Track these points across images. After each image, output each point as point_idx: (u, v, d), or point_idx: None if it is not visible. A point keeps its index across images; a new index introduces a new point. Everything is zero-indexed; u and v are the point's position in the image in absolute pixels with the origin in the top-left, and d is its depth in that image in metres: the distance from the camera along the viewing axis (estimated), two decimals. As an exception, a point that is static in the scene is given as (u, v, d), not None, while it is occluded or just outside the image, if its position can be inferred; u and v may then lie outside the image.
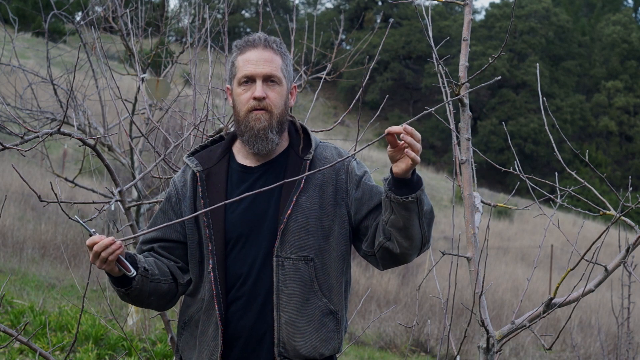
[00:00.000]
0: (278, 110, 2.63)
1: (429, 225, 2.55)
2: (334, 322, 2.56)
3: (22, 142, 2.69)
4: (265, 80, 2.62)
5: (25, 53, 21.49)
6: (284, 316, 2.53)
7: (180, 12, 8.94)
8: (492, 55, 2.97)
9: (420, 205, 2.46)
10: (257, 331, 2.56)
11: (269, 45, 2.65)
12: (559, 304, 3.03)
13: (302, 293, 2.54)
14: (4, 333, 3.02)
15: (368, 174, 2.76)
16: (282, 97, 2.64)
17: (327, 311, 2.55)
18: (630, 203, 3.17)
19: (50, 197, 3.49)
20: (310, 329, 2.53)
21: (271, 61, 2.63)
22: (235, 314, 2.57)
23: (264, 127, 2.61)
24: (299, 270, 2.54)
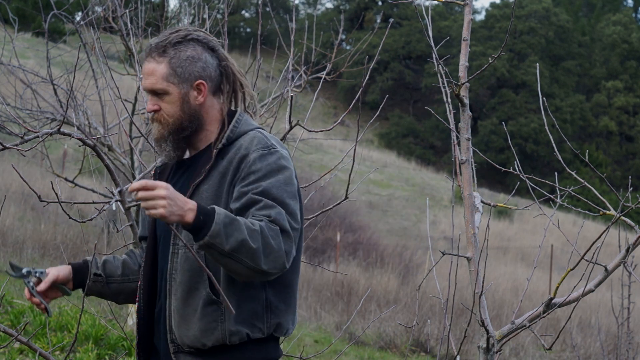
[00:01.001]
0: (172, 119, 2.60)
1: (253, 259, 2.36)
2: (217, 312, 2.51)
3: (22, 142, 2.69)
4: (154, 93, 2.61)
5: (25, 53, 21.50)
6: (173, 304, 2.57)
7: (180, 12, 8.93)
8: (492, 55, 2.97)
9: (217, 247, 2.33)
10: (160, 319, 2.65)
11: (150, 55, 2.61)
12: (559, 304, 3.03)
13: (190, 282, 2.54)
14: (4, 333, 3.02)
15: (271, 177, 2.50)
16: (174, 105, 2.60)
17: (210, 301, 2.51)
18: (630, 203, 3.17)
19: (50, 197, 3.49)
20: (195, 318, 2.53)
21: (151, 73, 2.59)
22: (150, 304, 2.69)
23: (157, 139, 2.63)
24: (189, 258, 2.55)
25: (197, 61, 2.62)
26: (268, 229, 2.39)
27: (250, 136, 2.61)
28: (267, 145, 2.56)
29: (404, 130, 52.93)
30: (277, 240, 2.39)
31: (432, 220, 26.10)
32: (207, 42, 2.65)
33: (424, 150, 51.64)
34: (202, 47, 2.64)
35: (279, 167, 2.52)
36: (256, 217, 2.42)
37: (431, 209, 28.10)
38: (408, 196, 30.54)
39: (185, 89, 2.61)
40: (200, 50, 2.63)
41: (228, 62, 2.69)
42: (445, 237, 23.07)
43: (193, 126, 2.63)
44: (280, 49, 5.06)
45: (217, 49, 2.68)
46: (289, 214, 2.46)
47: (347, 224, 19.10)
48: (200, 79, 2.62)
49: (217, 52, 2.67)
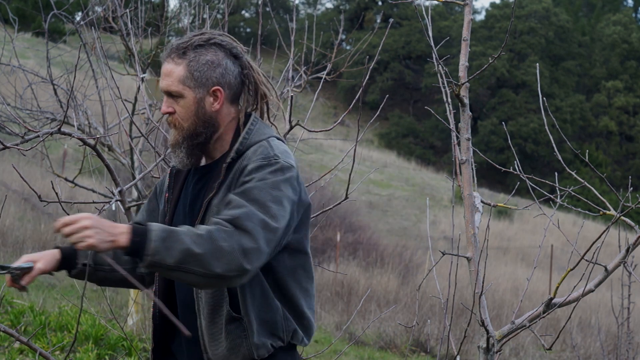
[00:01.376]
0: (186, 124, 2.55)
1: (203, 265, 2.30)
2: (239, 328, 2.49)
3: (22, 142, 2.69)
4: (169, 95, 2.56)
5: (25, 53, 21.50)
6: (203, 323, 2.55)
7: (180, 12, 8.93)
8: (492, 55, 2.98)
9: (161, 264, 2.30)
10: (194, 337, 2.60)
11: (170, 56, 2.56)
12: (559, 304, 3.03)
13: (213, 300, 2.52)
14: (4, 333, 3.02)
15: (257, 181, 2.43)
16: (188, 110, 2.55)
17: (231, 318, 2.50)
18: (630, 203, 3.17)
19: (50, 197, 3.49)
20: (222, 336, 2.52)
21: (169, 75, 2.54)
22: (176, 311, 2.64)
23: (172, 144, 2.58)
24: None
25: (217, 67, 2.55)
26: (219, 231, 2.31)
27: (257, 146, 2.54)
28: (269, 156, 2.49)
29: (404, 130, 52.94)
30: (230, 242, 2.30)
31: (432, 220, 26.10)
32: (230, 48, 2.59)
33: (424, 150, 51.65)
34: (224, 53, 2.57)
35: (272, 176, 2.44)
36: (220, 216, 2.36)
37: (431, 209, 28.10)
38: (408, 196, 30.54)
39: (201, 94, 2.55)
40: (222, 56, 2.57)
41: (251, 71, 2.62)
42: (445, 237, 23.07)
43: (207, 133, 2.57)
44: (280, 49, 5.06)
45: (241, 56, 2.60)
46: (266, 215, 2.37)
47: (347, 224, 19.10)
48: (218, 85, 2.56)
49: (240, 60, 2.60)
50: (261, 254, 2.35)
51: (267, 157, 2.48)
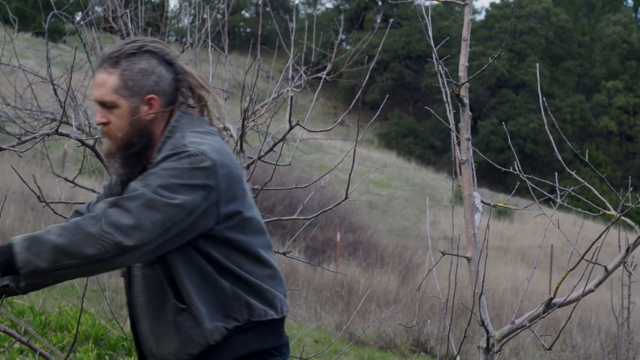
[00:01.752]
0: (121, 134, 2.52)
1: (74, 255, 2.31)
2: (189, 318, 2.47)
3: (19, 143, 2.69)
4: (103, 105, 2.53)
5: (25, 53, 21.50)
6: (146, 327, 2.55)
7: (180, 12, 8.93)
8: (492, 55, 2.97)
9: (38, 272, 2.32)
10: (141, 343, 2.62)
11: (102, 66, 2.53)
12: (559, 304, 3.03)
13: (155, 299, 2.51)
14: (4, 333, 3.02)
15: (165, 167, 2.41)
16: (122, 119, 2.51)
17: (178, 310, 2.48)
18: (630, 203, 3.17)
19: (50, 197, 3.49)
20: (171, 333, 2.50)
21: (102, 85, 2.51)
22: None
23: (106, 155, 2.57)
24: (146, 277, 2.53)
25: (151, 75, 2.52)
26: (85, 219, 2.34)
27: (171, 141, 2.52)
28: (177, 146, 2.46)
29: (404, 130, 52.94)
30: (99, 224, 2.32)
31: (432, 220, 26.09)
32: (163, 54, 2.56)
33: (424, 150, 51.65)
34: (157, 60, 2.54)
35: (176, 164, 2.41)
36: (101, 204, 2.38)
37: (431, 209, 28.09)
38: (408, 196, 30.53)
39: (135, 102, 2.52)
40: (155, 63, 2.54)
41: (185, 76, 2.59)
42: (445, 237, 23.08)
43: (142, 142, 2.54)
44: (280, 49, 5.06)
45: (174, 62, 2.58)
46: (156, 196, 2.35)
47: (347, 224, 19.10)
48: (152, 93, 2.53)
49: (173, 66, 2.58)
50: (143, 232, 2.34)
51: (175, 147, 2.45)
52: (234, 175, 2.49)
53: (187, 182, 2.39)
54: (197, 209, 2.41)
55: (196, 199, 2.40)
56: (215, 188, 2.43)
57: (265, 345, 2.55)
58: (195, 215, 2.41)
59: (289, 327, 10.51)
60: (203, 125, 2.57)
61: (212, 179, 2.42)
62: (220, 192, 2.44)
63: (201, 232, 2.44)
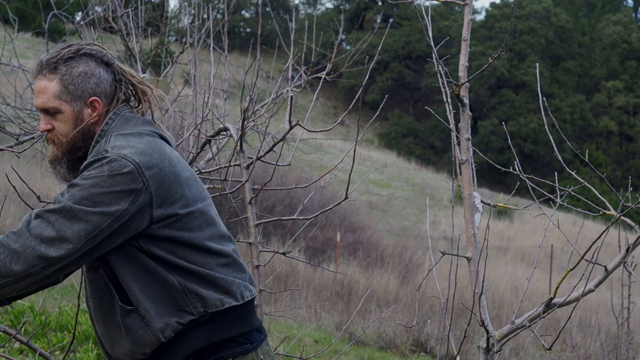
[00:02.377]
0: (66, 139, 2.53)
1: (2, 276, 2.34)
2: (137, 319, 2.47)
3: (17, 144, 2.69)
4: (45, 112, 2.53)
5: (25, 53, 21.50)
6: (99, 330, 2.57)
7: (180, 12, 8.93)
8: (492, 55, 2.97)
9: None
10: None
11: (40, 73, 2.52)
12: (559, 304, 3.03)
13: (103, 302, 2.52)
14: (4, 333, 3.02)
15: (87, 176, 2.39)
16: (67, 124, 2.52)
17: (125, 312, 2.48)
18: (630, 203, 3.17)
19: (50, 198, 3.49)
20: (122, 334, 2.50)
21: (43, 91, 2.50)
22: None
23: (51, 161, 2.58)
24: (92, 281, 2.53)
25: (91, 77, 2.52)
26: (7, 236, 2.35)
27: (96, 145, 2.52)
28: (98, 152, 2.45)
29: (404, 130, 52.94)
30: (22, 239, 2.34)
31: (432, 220, 26.09)
32: (101, 56, 2.56)
33: (424, 150, 51.66)
34: (95, 62, 2.54)
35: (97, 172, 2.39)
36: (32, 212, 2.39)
37: (431, 209, 28.09)
38: (408, 196, 30.54)
39: (78, 106, 2.52)
40: (94, 66, 2.54)
41: (124, 75, 2.60)
42: (445, 237, 23.08)
43: (86, 146, 2.54)
44: (280, 49, 5.06)
45: (112, 62, 2.58)
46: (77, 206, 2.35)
47: (347, 224, 19.10)
48: (94, 96, 2.53)
49: (112, 66, 2.58)
50: (67, 243, 2.34)
51: (96, 154, 2.44)
52: (165, 173, 2.45)
53: (109, 189, 2.37)
54: (125, 214, 2.39)
55: (122, 205, 2.38)
56: (144, 190, 2.40)
57: (228, 335, 2.52)
58: (124, 219, 2.39)
59: (289, 327, 10.51)
60: (135, 127, 2.55)
61: (138, 182, 2.39)
62: (151, 193, 2.42)
63: (134, 233, 2.43)
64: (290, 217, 4.00)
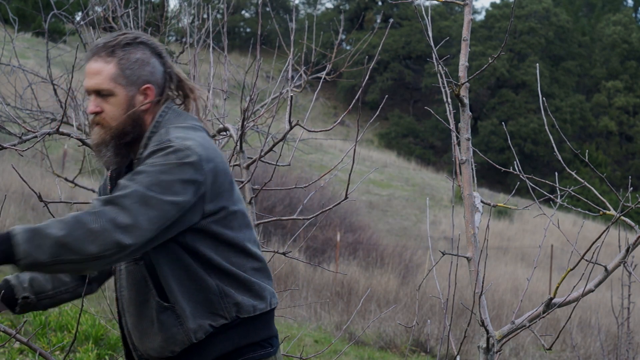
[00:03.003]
0: (115, 123, 2.52)
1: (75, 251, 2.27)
2: (172, 316, 2.47)
3: (20, 142, 2.69)
4: (97, 93, 2.52)
5: (25, 53, 21.51)
6: (129, 322, 2.55)
7: (180, 12, 8.93)
8: (492, 55, 2.97)
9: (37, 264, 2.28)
10: (124, 338, 2.63)
11: (98, 54, 2.52)
12: (559, 304, 3.03)
13: (139, 295, 2.51)
14: (4, 333, 3.02)
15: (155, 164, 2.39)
16: (118, 108, 2.51)
17: (162, 308, 2.48)
18: (630, 203, 3.17)
19: (51, 197, 3.49)
20: (153, 330, 2.50)
21: (98, 73, 2.51)
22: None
23: (97, 143, 2.54)
24: (130, 273, 2.52)
25: (146, 65, 2.55)
26: (86, 214, 2.30)
27: (156, 135, 2.52)
28: (162, 141, 2.46)
29: (404, 130, 52.95)
30: (100, 221, 2.29)
31: (432, 220, 26.09)
32: (155, 47, 2.58)
33: (424, 150, 51.66)
34: (150, 52, 2.56)
35: (164, 159, 2.40)
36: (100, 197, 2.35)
37: (431, 209, 28.09)
38: (408, 196, 30.53)
39: (132, 92, 2.53)
40: (149, 55, 2.56)
41: (173, 69, 2.62)
42: (445, 237, 23.08)
43: (135, 132, 2.54)
44: (280, 49, 5.06)
45: (164, 55, 2.61)
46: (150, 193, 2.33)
47: (347, 224, 19.10)
48: (149, 84, 2.55)
49: (163, 59, 2.60)
50: (141, 230, 2.32)
51: (160, 142, 2.45)
52: (219, 169, 2.47)
53: (177, 177, 2.38)
54: (187, 205, 2.40)
55: (187, 197, 2.39)
56: (203, 183, 2.42)
57: (254, 339, 2.54)
58: (184, 210, 2.40)
59: (289, 327, 10.51)
60: (187, 121, 2.57)
61: (200, 174, 2.41)
62: (207, 187, 2.43)
63: (186, 227, 2.43)
64: (290, 217, 4.01)
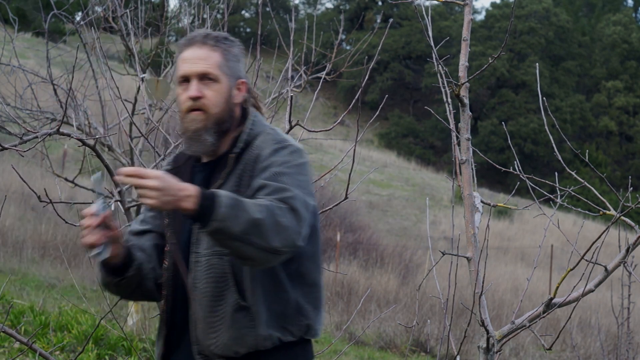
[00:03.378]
0: (216, 109, 2.53)
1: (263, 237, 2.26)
2: (247, 318, 2.44)
3: (21, 143, 2.69)
4: (201, 79, 2.54)
5: (25, 53, 21.50)
6: (198, 312, 2.50)
7: (180, 12, 8.93)
8: (492, 55, 2.97)
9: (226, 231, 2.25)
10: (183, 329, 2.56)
11: (205, 42, 2.56)
12: (559, 304, 3.03)
13: (215, 289, 2.47)
14: (4, 333, 3.02)
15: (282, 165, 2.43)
16: (220, 95, 2.55)
17: (238, 307, 2.44)
18: (630, 203, 3.17)
19: (51, 197, 3.49)
20: (223, 326, 2.46)
21: (206, 59, 2.54)
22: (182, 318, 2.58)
23: (198, 128, 2.53)
24: (212, 266, 2.48)
25: (241, 61, 2.63)
26: (276, 207, 2.30)
27: (263, 135, 2.55)
28: (279, 140, 2.51)
29: (404, 130, 52.94)
30: (287, 218, 2.30)
31: (432, 220, 26.09)
32: (241, 48, 2.67)
33: (424, 150, 51.65)
34: (240, 51, 2.65)
35: (292, 158, 2.46)
36: (268, 197, 2.33)
37: (431, 209, 28.09)
38: (408, 196, 30.53)
39: (232, 83, 2.59)
40: (240, 53, 2.64)
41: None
42: (445, 237, 23.07)
43: (229, 123, 2.58)
44: (280, 49, 5.06)
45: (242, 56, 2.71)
46: (306, 197, 2.39)
47: (347, 224, 19.09)
48: (243, 79, 2.62)
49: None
50: (304, 235, 2.37)
51: (279, 141, 2.50)
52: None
53: (309, 178, 2.47)
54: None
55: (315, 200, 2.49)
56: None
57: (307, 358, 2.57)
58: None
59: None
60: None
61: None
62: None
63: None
64: (290, 217, 4.00)
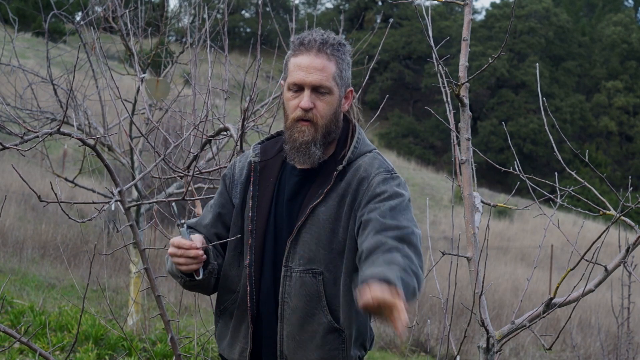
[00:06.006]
0: (324, 121, 2.47)
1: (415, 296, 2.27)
2: (338, 340, 2.43)
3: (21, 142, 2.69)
4: (315, 89, 2.46)
5: (25, 53, 21.50)
6: (286, 329, 2.46)
7: (180, 12, 8.93)
8: (492, 55, 2.97)
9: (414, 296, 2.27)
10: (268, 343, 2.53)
11: (322, 50, 2.47)
12: (559, 304, 3.03)
13: (307, 307, 2.43)
14: (4, 333, 3.02)
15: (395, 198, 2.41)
16: (331, 107, 2.47)
17: (331, 329, 2.42)
18: (630, 203, 3.17)
19: (50, 197, 3.48)
20: (313, 345, 2.43)
21: (322, 69, 2.45)
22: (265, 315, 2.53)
23: (307, 141, 2.46)
24: (305, 283, 2.43)
25: (350, 69, 2.55)
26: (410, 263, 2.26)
27: (370, 158, 2.50)
28: (389, 170, 2.48)
29: (404, 130, 52.94)
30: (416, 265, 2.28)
31: (432, 220, 26.09)
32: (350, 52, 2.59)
33: (424, 150, 51.65)
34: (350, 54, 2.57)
35: (401, 191, 2.44)
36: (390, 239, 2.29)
37: (431, 209, 28.09)
38: (408, 196, 30.49)
39: (342, 93, 2.52)
40: (351, 55, 2.58)
41: None
42: (445, 237, 23.06)
43: (335, 134, 2.51)
44: (280, 49, 5.06)
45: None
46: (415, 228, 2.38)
47: (347, 224, 19.07)
48: (351, 87, 2.55)
49: None
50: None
51: (389, 171, 2.48)
52: None
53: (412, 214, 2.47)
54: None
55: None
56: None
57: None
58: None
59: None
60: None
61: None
62: None
63: None
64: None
